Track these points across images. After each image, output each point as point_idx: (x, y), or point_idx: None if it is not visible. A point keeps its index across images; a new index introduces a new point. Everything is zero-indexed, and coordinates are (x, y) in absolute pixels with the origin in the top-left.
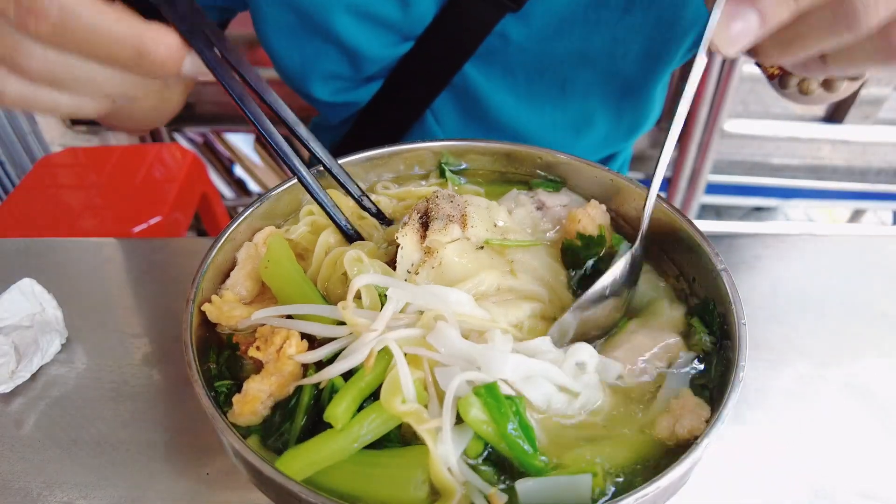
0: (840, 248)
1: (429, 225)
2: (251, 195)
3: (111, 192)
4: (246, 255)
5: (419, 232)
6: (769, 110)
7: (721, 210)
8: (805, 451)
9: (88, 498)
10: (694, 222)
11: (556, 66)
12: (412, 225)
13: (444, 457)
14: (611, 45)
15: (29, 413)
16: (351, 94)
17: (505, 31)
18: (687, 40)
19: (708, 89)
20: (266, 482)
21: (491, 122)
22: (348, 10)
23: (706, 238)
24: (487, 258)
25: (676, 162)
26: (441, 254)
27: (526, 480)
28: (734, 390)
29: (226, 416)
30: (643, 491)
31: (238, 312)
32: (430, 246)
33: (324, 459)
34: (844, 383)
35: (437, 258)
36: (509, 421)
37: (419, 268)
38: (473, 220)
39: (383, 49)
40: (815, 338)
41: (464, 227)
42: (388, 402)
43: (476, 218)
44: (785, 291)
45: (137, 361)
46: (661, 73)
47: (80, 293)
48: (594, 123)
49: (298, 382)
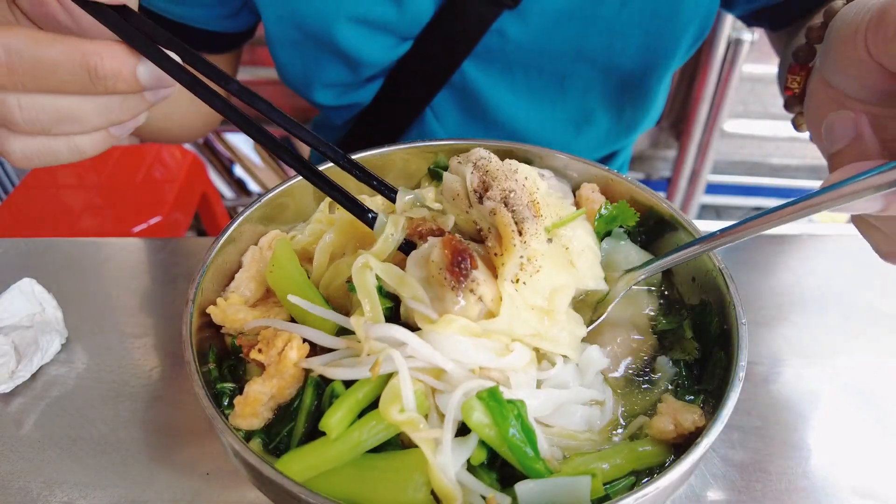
0: (840, 248)
1: (517, 223)
2: (251, 195)
3: (111, 192)
4: (251, 257)
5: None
6: (769, 110)
7: (721, 210)
8: (804, 450)
9: (88, 498)
10: (693, 222)
11: (555, 63)
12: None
13: (443, 467)
14: (608, 40)
15: (29, 413)
16: (352, 96)
17: (503, 28)
18: (685, 34)
19: (708, 89)
20: (266, 482)
21: (490, 119)
22: (348, 21)
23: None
24: (558, 251)
25: (676, 162)
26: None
27: (526, 482)
28: (734, 390)
29: (226, 417)
30: (643, 491)
31: (242, 315)
32: (531, 256)
33: (324, 463)
34: (844, 383)
35: (535, 265)
36: (511, 425)
37: (517, 286)
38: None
39: (383, 52)
40: (815, 338)
41: (536, 213)
42: (385, 410)
43: (542, 203)
44: (785, 291)
45: (137, 361)
46: (661, 68)
47: (80, 293)
48: (594, 120)
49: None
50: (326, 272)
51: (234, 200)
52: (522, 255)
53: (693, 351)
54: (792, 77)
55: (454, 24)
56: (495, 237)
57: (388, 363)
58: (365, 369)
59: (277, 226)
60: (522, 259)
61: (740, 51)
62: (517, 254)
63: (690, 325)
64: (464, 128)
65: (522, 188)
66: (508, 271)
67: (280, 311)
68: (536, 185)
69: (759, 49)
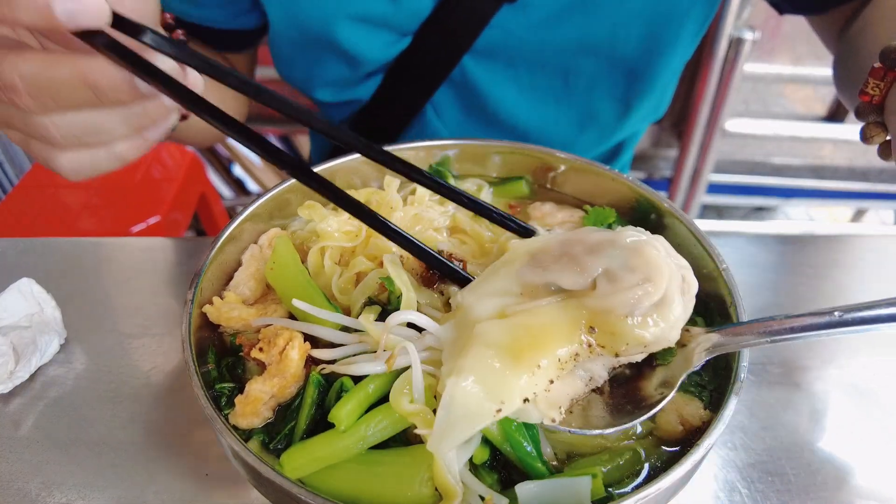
0: (843, 248)
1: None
2: (250, 195)
3: (110, 192)
4: (250, 255)
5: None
6: (770, 110)
7: (722, 210)
8: (807, 452)
9: (87, 499)
10: (695, 222)
11: (558, 57)
12: None
13: (447, 462)
14: (611, 30)
15: (27, 413)
16: (352, 92)
17: (503, 22)
18: (688, 21)
19: (709, 89)
20: (265, 483)
21: (492, 116)
22: (348, 19)
23: (707, 238)
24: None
25: (678, 161)
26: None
27: (526, 483)
28: (736, 391)
29: (225, 417)
30: (644, 491)
31: (237, 313)
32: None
33: (328, 457)
34: (847, 384)
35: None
36: (514, 420)
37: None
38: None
39: (383, 49)
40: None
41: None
42: (396, 400)
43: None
44: (785, 291)
45: (136, 362)
46: (666, 57)
47: (79, 293)
48: (599, 115)
49: (323, 364)
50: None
51: (234, 200)
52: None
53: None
54: (874, 82)
55: (453, 19)
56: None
57: (403, 357)
58: (377, 364)
59: (277, 224)
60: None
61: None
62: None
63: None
64: (465, 125)
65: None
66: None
67: (279, 308)
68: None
69: (761, 48)
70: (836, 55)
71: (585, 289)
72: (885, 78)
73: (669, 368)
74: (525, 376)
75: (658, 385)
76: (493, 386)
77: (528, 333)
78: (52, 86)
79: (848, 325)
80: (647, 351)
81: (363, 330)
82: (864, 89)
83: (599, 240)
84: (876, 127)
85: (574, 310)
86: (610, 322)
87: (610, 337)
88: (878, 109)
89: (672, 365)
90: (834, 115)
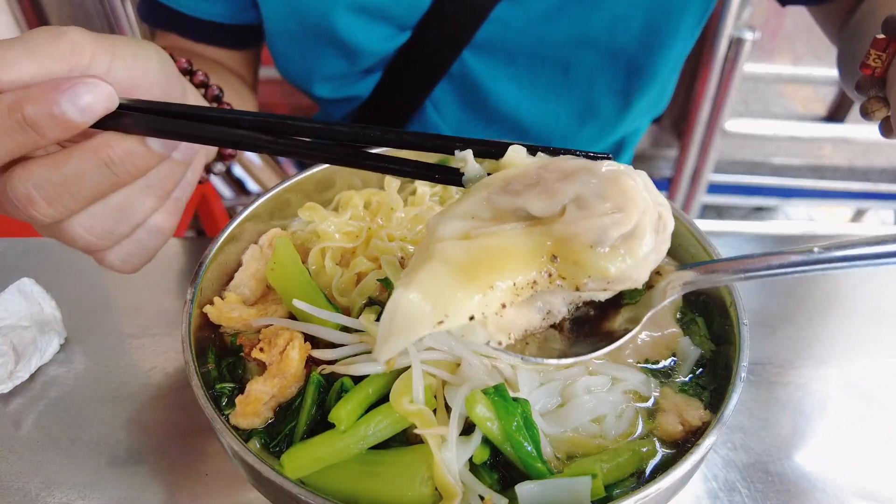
0: None
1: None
2: (250, 195)
3: None
4: (251, 256)
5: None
6: (770, 110)
7: (722, 210)
8: (806, 452)
9: (87, 499)
10: (695, 222)
11: (558, 50)
12: None
13: (447, 462)
14: (610, 22)
15: (27, 413)
16: (351, 88)
17: (503, 16)
18: (687, 13)
19: (709, 89)
20: (264, 483)
21: (492, 111)
22: (346, 9)
23: (707, 238)
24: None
25: (678, 161)
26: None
27: (526, 483)
28: (735, 391)
29: (225, 417)
30: (644, 491)
31: (237, 314)
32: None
33: (329, 456)
34: (846, 384)
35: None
36: (514, 419)
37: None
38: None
39: (382, 42)
40: (816, 338)
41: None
42: (396, 400)
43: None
44: (786, 291)
45: (136, 362)
46: (665, 49)
47: (79, 293)
48: (599, 110)
49: (323, 365)
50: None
51: (233, 200)
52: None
53: (707, 345)
54: (876, 53)
55: (452, 12)
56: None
57: (403, 357)
58: (377, 364)
59: (277, 224)
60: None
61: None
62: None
63: (705, 323)
64: (465, 120)
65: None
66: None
67: (279, 308)
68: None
69: (761, 48)
70: (838, 46)
71: (554, 215)
72: (887, 49)
73: (637, 306)
74: (477, 296)
75: (624, 322)
76: (441, 300)
77: (487, 255)
78: (68, 180)
79: (826, 262)
80: (610, 288)
81: (363, 330)
82: (866, 61)
83: (575, 167)
84: (877, 102)
85: (539, 236)
86: (574, 250)
87: (573, 267)
88: (879, 83)
89: (640, 303)
90: (834, 115)
